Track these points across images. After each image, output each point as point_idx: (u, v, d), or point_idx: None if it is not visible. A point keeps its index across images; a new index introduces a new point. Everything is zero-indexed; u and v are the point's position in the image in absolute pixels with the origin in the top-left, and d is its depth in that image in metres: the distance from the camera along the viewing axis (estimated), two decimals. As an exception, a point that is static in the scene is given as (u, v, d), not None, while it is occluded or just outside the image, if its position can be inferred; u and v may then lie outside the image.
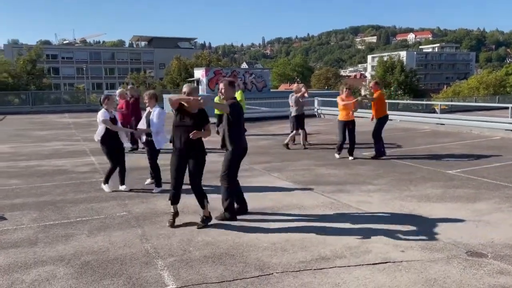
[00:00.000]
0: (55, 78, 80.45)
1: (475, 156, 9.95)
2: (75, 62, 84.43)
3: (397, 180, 7.80)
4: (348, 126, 9.97)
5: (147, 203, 6.45)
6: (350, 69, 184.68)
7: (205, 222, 5.40)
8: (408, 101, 33.46)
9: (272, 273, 4.04)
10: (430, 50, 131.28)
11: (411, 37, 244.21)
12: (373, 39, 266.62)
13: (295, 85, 13.38)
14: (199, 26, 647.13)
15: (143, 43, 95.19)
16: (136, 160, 9.48)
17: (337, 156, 10.10)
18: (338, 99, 10.17)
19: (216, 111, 15.59)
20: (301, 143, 11.81)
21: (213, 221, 5.49)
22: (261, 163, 9.63)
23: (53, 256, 4.46)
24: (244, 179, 8.03)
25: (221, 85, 5.70)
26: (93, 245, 4.77)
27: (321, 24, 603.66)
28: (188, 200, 6.51)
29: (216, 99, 15.31)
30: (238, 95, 15.56)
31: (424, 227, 5.28)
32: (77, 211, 6.09)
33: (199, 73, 29.68)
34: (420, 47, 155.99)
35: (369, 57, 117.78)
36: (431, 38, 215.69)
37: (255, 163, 9.56)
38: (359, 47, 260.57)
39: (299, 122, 11.74)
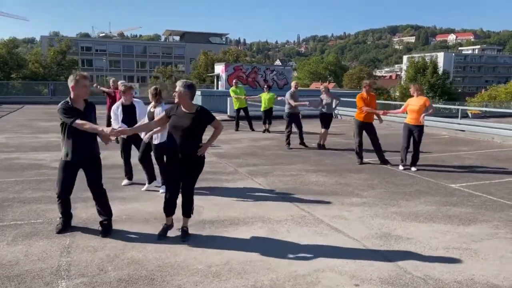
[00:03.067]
0: (89, 70, 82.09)
1: (488, 168, 8.91)
2: (108, 55, 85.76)
3: (389, 192, 6.94)
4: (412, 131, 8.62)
5: (99, 207, 5.87)
6: (386, 69, 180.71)
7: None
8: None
9: (185, 307, 3.36)
10: (470, 52, 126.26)
11: (451, 38, 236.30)
12: (412, 39, 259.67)
13: (321, 84, 12.65)
14: (235, 22, 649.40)
15: (176, 38, 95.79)
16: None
17: (400, 168, 8.71)
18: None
19: (235, 105, 14.99)
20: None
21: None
22: (249, 165, 8.93)
23: (-48, 268, 3.93)
24: (221, 183, 7.46)
25: None
26: (6, 256, 4.21)
27: (358, 23, 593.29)
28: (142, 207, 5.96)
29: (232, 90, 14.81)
30: (232, 91, 15.00)
31: (395, 254, 4.46)
32: (18, 212, 5.58)
33: (218, 68, 29.12)
34: (460, 48, 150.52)
35: (405, 57, 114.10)
36: (473, 40, 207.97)
37: (242, 166, 8.88)
38: (397, 47, 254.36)
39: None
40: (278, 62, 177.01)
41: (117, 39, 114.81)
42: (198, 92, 23.24)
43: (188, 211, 4.83)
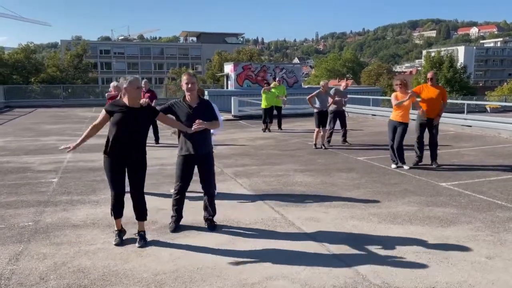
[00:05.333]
0: (108, 73, 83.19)
1: (486, 165, 8.48)
2: (126, 57, 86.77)
3: (373, 192, 6.63)
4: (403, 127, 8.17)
5: (67, 212, 5.75)
6: (407, 64, 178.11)
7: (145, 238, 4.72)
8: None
9: (114, 319, 3.18)
10: (492, 45, 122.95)
11: (474, 31, 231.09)
12: (432, 33, 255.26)
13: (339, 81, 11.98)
14: (253, 21, 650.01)
15: (194, 39, 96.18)
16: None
17: (393, 166, 8.34)
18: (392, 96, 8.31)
19: (263, 105, 14.40)
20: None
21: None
22: (237, 166, 8.73)
23: None
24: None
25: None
26: (-48, 263, 4.12)
27: (377, 18, 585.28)
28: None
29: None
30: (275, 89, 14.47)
31: (359, 259, 4.18)
32: (-16, 218, 5.51)
33: (228, 68, 28.99)
34: (481, 41, 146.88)
35: (424, 52, 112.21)
36: (496, 32, 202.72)
37: (230, 166, 8.68)
38: (417, 42, 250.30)
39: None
40: (296, 60, 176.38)
41: (137, 41, 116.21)
42: (205, 92, 23.14)
43: (142, 214, 4.66)
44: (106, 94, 10.82)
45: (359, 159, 9.27)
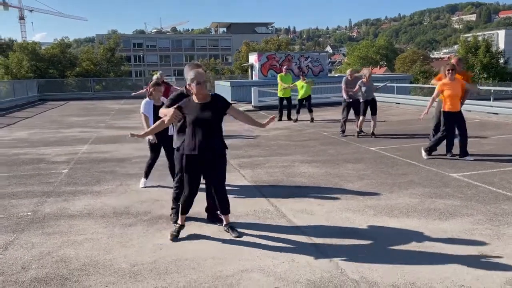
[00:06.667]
0: (140, 65, 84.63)
1: (505, 155, 8.07)
2: (158, 50, 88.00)
3: (376, 184, 6.44)
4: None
5: (67, 202, 5.88)
6: (445, 50, 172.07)
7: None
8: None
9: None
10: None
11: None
12: (472, 17, 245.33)
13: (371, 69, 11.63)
14: (284, 10, 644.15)
15: (224, 30, 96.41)
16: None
17: (425, 157, 7.96)
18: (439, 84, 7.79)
19: (279, 93, 14.29)
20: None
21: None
22: (244, 157, 8.68)
23: None
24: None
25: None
26: None
27: (414, 3, 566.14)
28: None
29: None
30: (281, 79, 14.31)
31: (342, 253, 4.06)
32: (-13, 208, 5.70)
33: (252, 58, 28.83)
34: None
35: (462, 36, 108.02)
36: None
37: (237, 157, 8.64)
38: (456, 26, 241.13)
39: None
40: (328, 49, 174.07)
41: (170, 34, 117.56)
42: (227, 83, 23.16)
43: (225, 208, 4.63)
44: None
45: (371, 149, 9.03)
